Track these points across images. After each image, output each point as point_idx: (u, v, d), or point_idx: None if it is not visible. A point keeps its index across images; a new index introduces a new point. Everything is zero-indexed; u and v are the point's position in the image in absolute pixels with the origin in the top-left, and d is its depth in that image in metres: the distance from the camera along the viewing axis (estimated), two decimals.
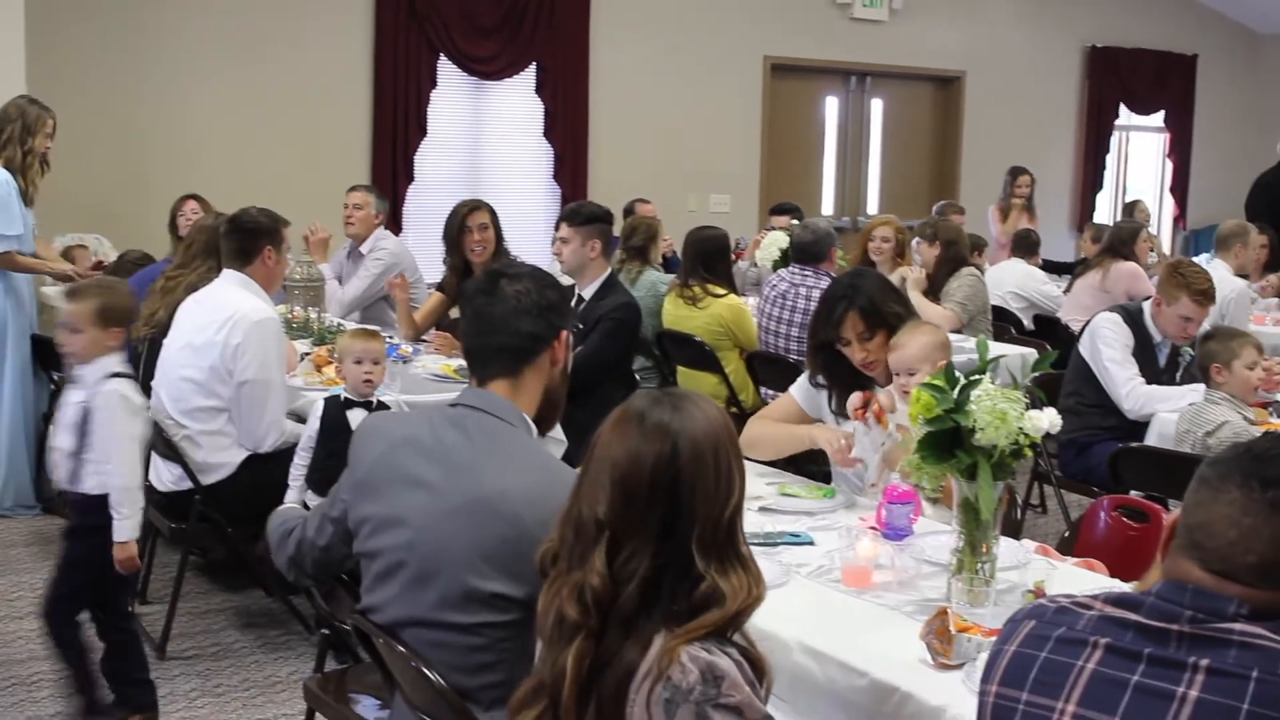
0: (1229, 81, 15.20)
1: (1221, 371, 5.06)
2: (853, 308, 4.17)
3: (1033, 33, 13.54)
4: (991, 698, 2.05)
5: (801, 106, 12.49)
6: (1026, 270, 9.21)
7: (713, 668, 2.05)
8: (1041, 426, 2.92)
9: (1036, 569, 3.29)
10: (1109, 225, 9.78)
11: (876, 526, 3.56)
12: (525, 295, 2.93)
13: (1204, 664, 1.86)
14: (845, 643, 2.88)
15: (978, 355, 3.08)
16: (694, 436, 2.17)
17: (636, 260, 7.47)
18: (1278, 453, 1.94)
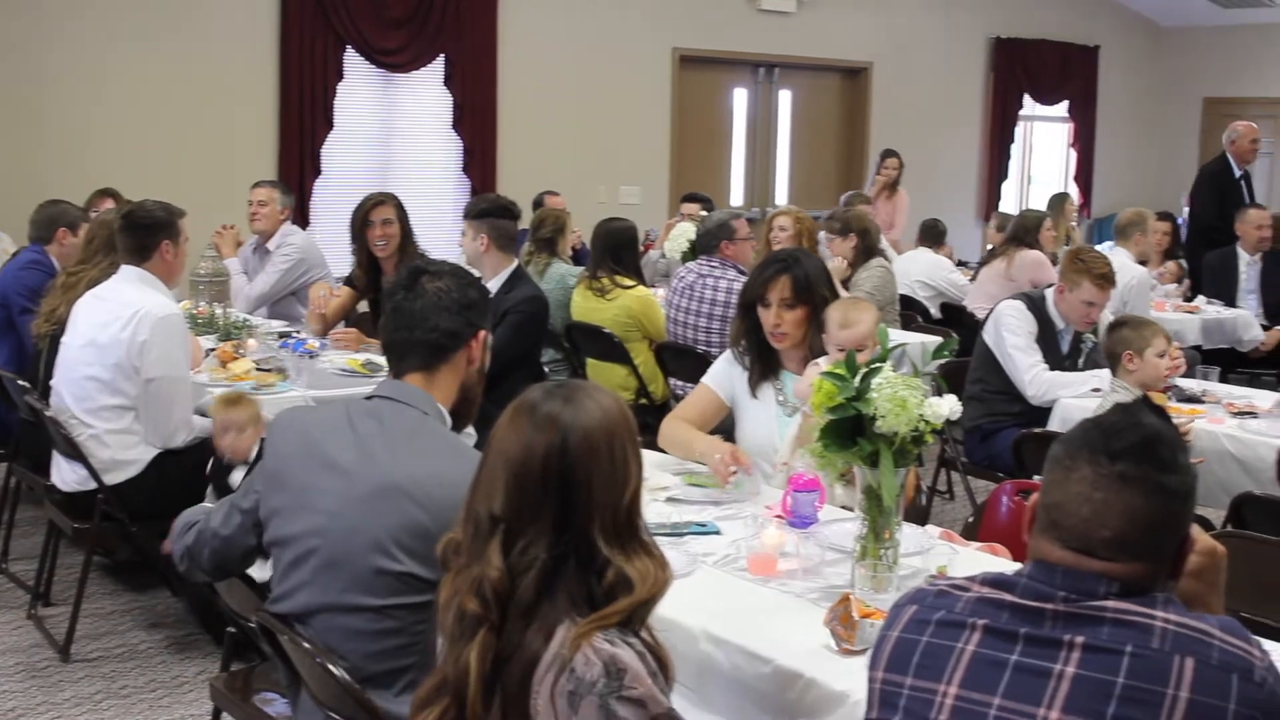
0: (1130, 72, 15.44)
1: (1134, 359, 5.12)
2: (787, 272, 4.22)
3: (939, 24, 13.67)
4: (878, 684, 2.08)
5: (710, 98, 12.52)
6: (933, 259, 9.31)
7: (615, 660, 2.05)
8: (941, 413, 2.96)
9: (939, 554, 3.34)
10: (1013, 215, 9.91)
11: (782, 515, 3.59)
12: (445, 293, 2.99)
13: (1079, 641, 1.91)
14: (750, 630, 2.90)
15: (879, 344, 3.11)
16: (586, 427, 2.18)
17: (545, 252, 7.45)
18: (1124, 425, 1.99)
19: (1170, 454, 1.98)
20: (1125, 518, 1.95)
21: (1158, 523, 1.97)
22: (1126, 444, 1.97)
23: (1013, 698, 1.93)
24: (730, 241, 6.72)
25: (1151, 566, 1.98)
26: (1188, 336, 8.28)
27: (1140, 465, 1.96)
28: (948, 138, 13.88)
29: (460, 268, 3.15)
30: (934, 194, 13.31)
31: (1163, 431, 2.00)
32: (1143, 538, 1.96)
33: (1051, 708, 1.89)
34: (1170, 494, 1.97)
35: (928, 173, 13.54)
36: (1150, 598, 1.95)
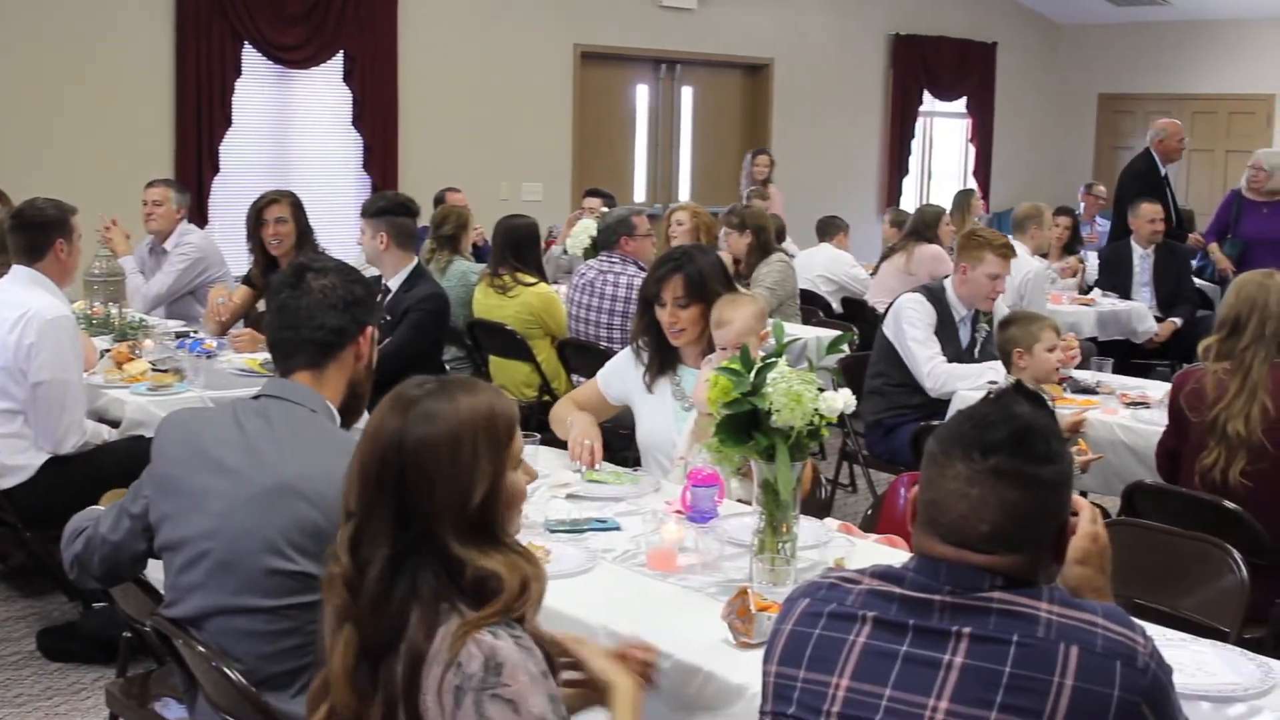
0: (1028, 69, 15.65)
1: (1024, 356, 5.19)
2: (679, 271, 4.24)
3: (839, 21, 13.77)
4: (772, 677, 2.10)
5: (612, 94, 12.52)
6: (834, 254, 9.38)
7: (495, 654, 2.04)
8: (836, 407, 2.99)
9: (837, 547, 3.37)
10: (909, 211, 10.01)
11: (682, 510, 3.60)
12: (330, 290, 2.96)
13: (967, 631, 1.94)
14: (650, 626, 2.90)
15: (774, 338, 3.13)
16: (428, 424, 2.16)
17: (447, 250, 7.42)
18: (996, 419, 2.02)
19: (1044, 445, 2.01)
20: (1001, 512, 1.98)
21: (1034, 514, 2.00)
22: (998, 438, 2.00)
23: (903, 688, 1.96)
24: (630, 237, 6.73)
25: (1032, 556, 2.01)
26: (1084, 328, 8.40)
27: (1013, 459, 1.98)
28: (848, 134, 13.99)
29: (346, 264, 3.14)
30: (835, 190, 13.43)
31: (1035, 422, 2.03)
32: (1020, 530, 1.99)
33: (941, 698, 1.92)
34: (1045, 485, 2.00)
35: (829, 169, 13.67)
36: (1036, 589, 1.98)
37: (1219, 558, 3.64)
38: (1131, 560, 3.72)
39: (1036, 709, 1.87)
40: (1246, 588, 3.55)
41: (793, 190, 12.71)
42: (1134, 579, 3.77)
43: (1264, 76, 14.45)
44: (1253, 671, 2.77)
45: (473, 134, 11.24)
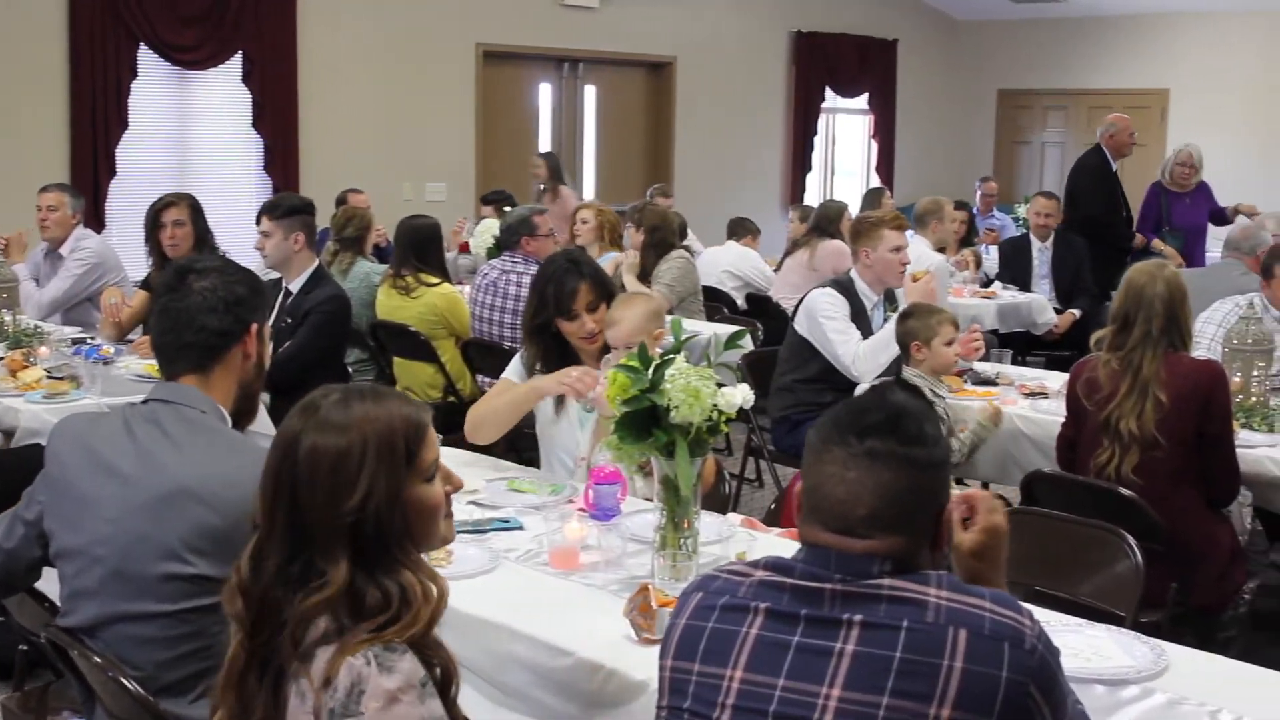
0: (927, 65, 15.81)
1: (922, 349, 5.21)
2: (584, 279, 4.21)
3: (740, 19, 13.82)
4: (667, 672, 2.10)
5: (515, 93, 12.48)
6: (740, 251, 9.41)
7: (359, 681, 2.00)
8: (735, 402, 3.00)
9: (739, 541, 3.39)
10: (814, 206, 10.07)
11: (585, 508, 3.60)
12: (212, 291, 2.92)
13: (858, 619, 1.96)
14: (551, 624, 2.92)
15: (672, 335, 3.14)
16: (323, 430, 2.13)
17: (349, 251, 7.37)
18: (869, 404, 2.06)
19: (917, 428, 2.04)
20: (877, 494, 2.01)
21: (910, 496, 2.03)
22: (873, 421, 2.03)
23: (796, 678, 1.97)
24: (531, 237, 6.72)
25: (911, 539, 2.04)
26: (985, 321, 8.49)
27: (887, 441, 2.02)
28: (751, 131, 14.05)
29: (229, 264, 3.09)
30: (739, 187, 13.49)
31: (909, 406, 2.07)
32: (897, 512, 2.02)
33: (834, 685, 1.94)
34: (919, 466, 2.03)
35: (732, 166, 13.73)
36: (924, 575, 2.01)
37: (1115, 544, 3.71)
38: (1030, 548, 3.77)
39: (926, 692, 1.90)
40: (1142, 573, 3.62)
41: (696, 188, 12.78)
42: (1033, 566, 3.82)
43: (1158, 71, 14.70)
44: (1146, 654, 2.82)
45: (375, 134, 11.15)
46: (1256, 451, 4.70)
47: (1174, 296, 4.42)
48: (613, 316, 4.02)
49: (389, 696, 2.00)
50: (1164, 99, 14.71)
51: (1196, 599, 4.33)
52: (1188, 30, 14.43)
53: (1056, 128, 15.80)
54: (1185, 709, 2.60)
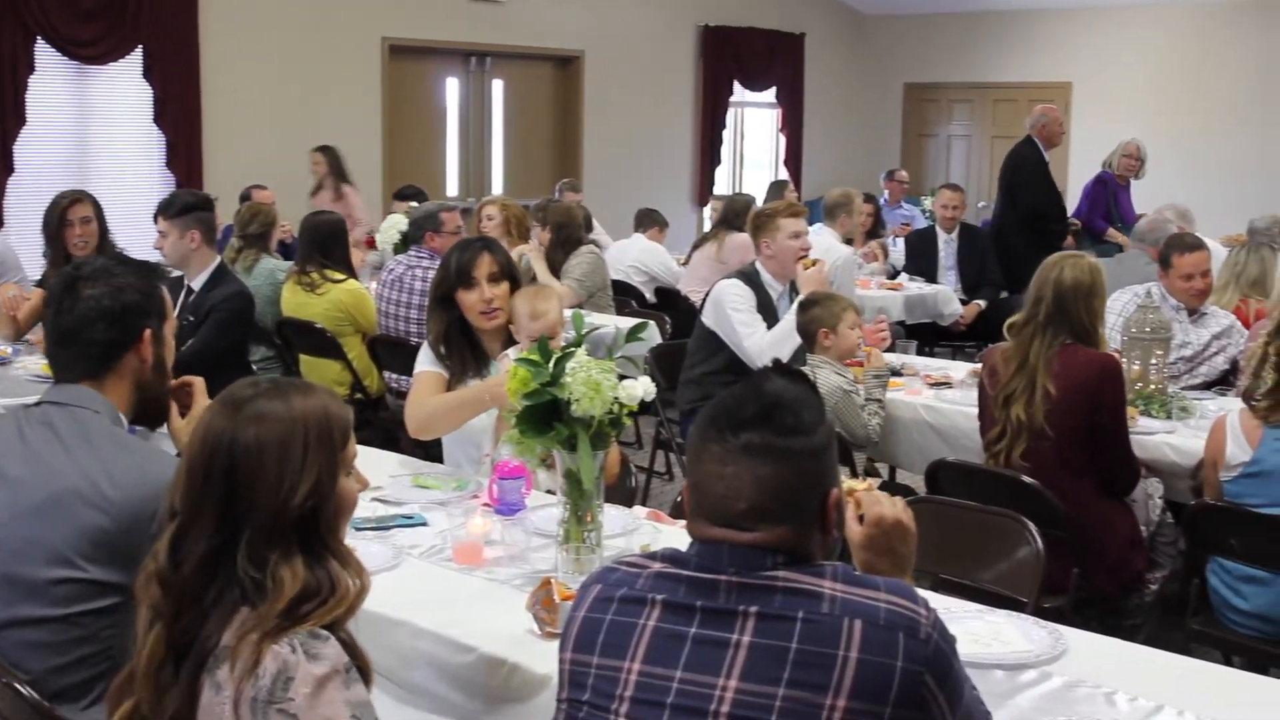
0: (835, 59, 15.90)
1: (829, 335, 5.25)
2: (488, 250, 4.23)
3: (648, 12, 13.83)
4: (567, 665, 2.10)
5: (422, 88, 12.39)
6: (647, 245, 9.42)
7: (286, 668, 2.00)
8: (636, 395, 3.00)
9: (643, 534, 3.39)
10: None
11: (489, 503, 3.59)
12: (99, 300, 2.87)
13: (753, 611, 1.97)
14: (454, 620, 2.91)
15: (575, 330, 3.13)
16: (263, 420, 2.13)
17: (253, 248, 7.28)
18: (743, 397, 2.07)
19: (793, 418, 2.05)
20: (756, 487, 2.01)
21: (791, 486, 2.03)
22: (748, 415, 2.04)
23: (693, 670, 1.97)
24: (436, 233, 6.68)
25: (798, 528, 2.04)
26: (892, 312, 8.56)
27: (763, 434, 2.02)
28: (660, 125, 14.06)
29: (119, 268, 2.99)
30: (648, 180, 13.49)
31: (784, 396, 2.07)
32: (778, 503, 2.02)
33: (730, 677, 1.94)
34: (798, 456, 2.04)
35: (641, 160, 13.73)
36: (819, 567, 2.02)
37: (1017, 531, 3.75)
38: (934, 536, 3.78)
39: (822, 682, 1.90)
40: (1043, 559, 3.66)
41: (605, 181, 12.77)
42: (937, 554, 3.85)
43: (1062, 65, 14.90)
44: (1044, 638, 2.86)
45: (280, 130, 11.01)
46: (1155, 438, 4.78)
47: (1070, 288, 4.49)
48: (537, 308, 4.00)
49: (318, 682, 2.00)
50: (1067, 92, 14.91)
51: (1096, 584, 4.39)
52: (1089, 24, 14.63)
53: (962, 121, 15.97)
54: (1081, 691, 2.64)
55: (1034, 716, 2.54)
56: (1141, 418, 4.91)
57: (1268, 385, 4.01)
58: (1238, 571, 4.07)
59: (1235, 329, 5.82)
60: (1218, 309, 5.96)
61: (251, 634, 2.03)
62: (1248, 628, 4.06)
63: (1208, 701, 2.59)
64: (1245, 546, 4.02)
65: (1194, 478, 4.56)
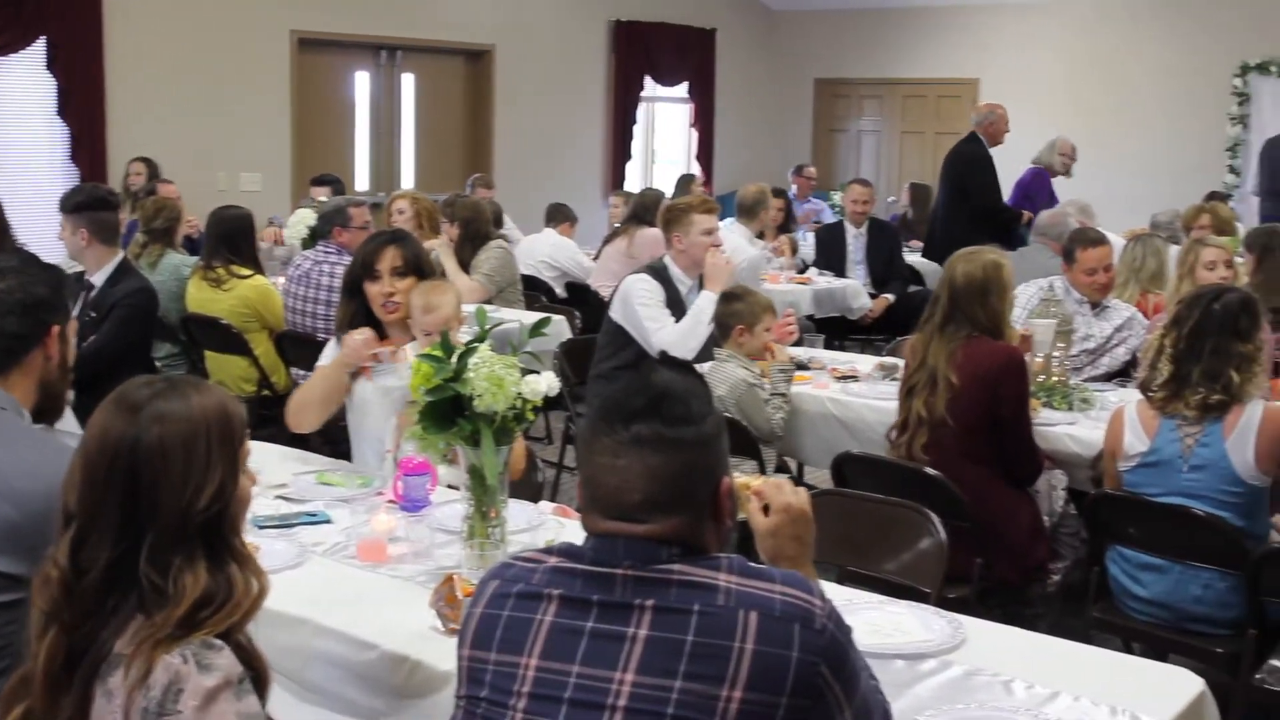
0: (746, 54, 15.96)
1: (745, 333, 5.29)
2: (394, 243, 4.24)
3: (559, 7, 13.80)
4: (465, 661, 2.10)
5: (331, 81, 12.28)
6: (557, 240, 9.41)
7: (177, 679, 1.98)
8: (539, 390, 3.00)
9: (548, 529, 3.39)
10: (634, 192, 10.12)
11: (394, 500, 3.57)
12: (8, 294, 2.87)
13: (649, 604, 1.97)
14: (357, 618, 2.89)
15: (478, 324, 3.12)
16: (164, 423, 2.10)
17: (158, 243, 7.16)
18: (633, 390, 2.09)
19: (682, 408, 2.06)
20: (648, 478, 2.02)
21: (682, 475, 2.04)
22: (636, 407, 2.05)
23: (590, 664, 1.98)
24: (344, 228, 6.63)
25: (691, 518, 2.05)
26: (801, 306, 8.60)
27: (652, 425, 2.03)
28: (572, 119, 14.04)
29: (29, 263, 3.02)
30: (560, 175, 13.47)
31: (672, 387, 2.09)
32: (671, 493, 2.03)
33: (627, 670, 1.95)
34: (687, 445, 2.05)
35: (552, 154, 13.71)
36: (714, 559, 2.03)
37: (920, 522, 3.79)
38: (840, 528, 3.84)
39: (718, 675, 1.91)
40: (945, 550, 3.70)
41: (516, 176, 12.72)
42: (843, 546, 3.90)
43: (969, 61, 15.05)
44: (944, 628, 2.90)
45: (186, 123, 10.88)
46: (1056, 429, 4.86)
47: (963, 285, 4.58)
48: (430, 302, 4.01)
49: (208, 694, 1.98)
50: (975, 88, 15.06)
51: (999, 573, 4.45)
52: (997, 20, 14.79)
53: (872, 116, 16.08)
54: (980, 680, 2.67)
55: (933, 705, 2.57)
56: (1044, 409, 4.98)
57: (1164, 377, 4.08)
58: (1136, 560, 4.14)
59: (1136, 321, 5.92)
60: (1119, 302, 6.07)
61: (145, 643, 2.01)
62: (1147, 615, 4.13)
63: (1104, 688, 2.64)
64: (1143, 535, 4.10)
65: (1094, 468, 4.64)
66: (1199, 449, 4.01)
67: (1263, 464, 3.96)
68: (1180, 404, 4.04)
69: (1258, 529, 4.05)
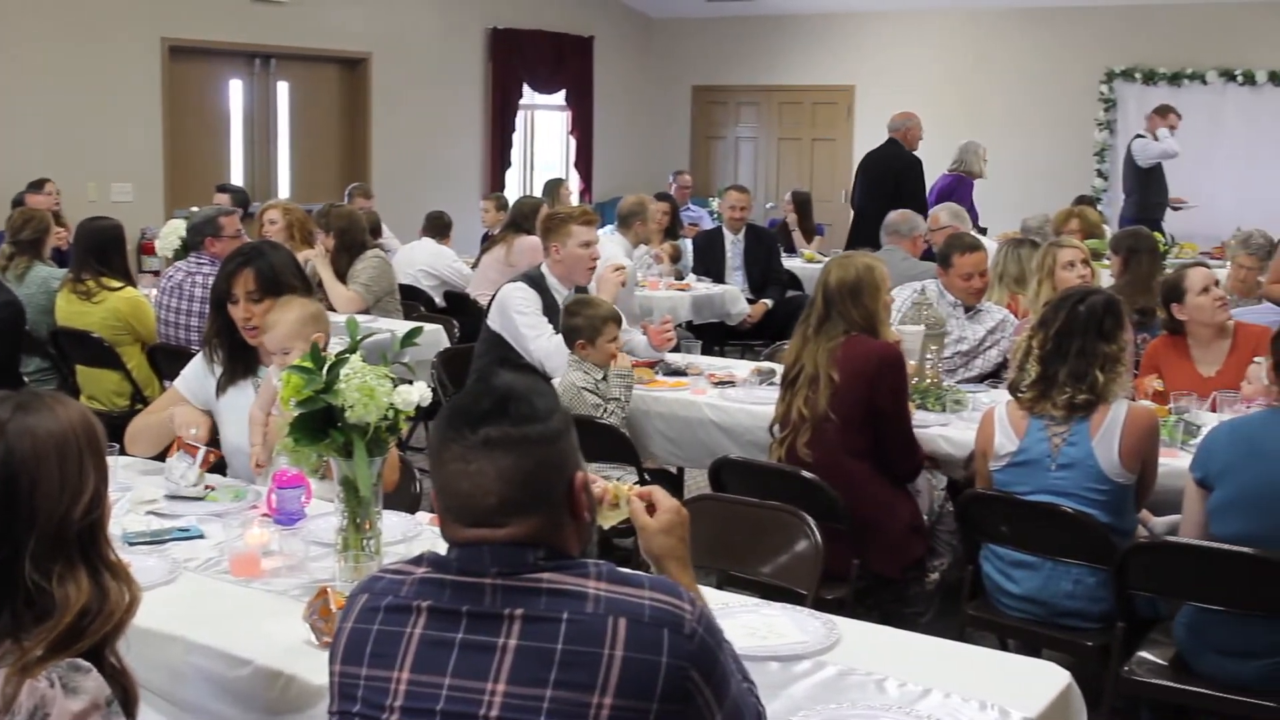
0: (624, 62, 16.01)
1: (585, 347, 5.33)
2: (249, 266, 4.14)
3: (436, 14, 13.73)
4: (337, 677, 2.09)
5: (205, 90, 12.09)
6: (435, 249, 9.36)
7: (43, 704, 1.94)
8: (412, 400, 2.98)
9: (424, 540, 3.37)
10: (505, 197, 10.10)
11: (268, 513, 3.53)
12: None
13: (519, 613, 1.98)
14: (230, 633, 2.86)
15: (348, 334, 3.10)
16: (34, 435, 2.07)
17: (25, 255, 7.03)
18: (477, 394, 2.10)
19: (528, 407, 2.07)
20: (501, 480, 2.03)
21: (534, 473, 2.05)
22: (483, 410, 2.05)
23: (461, 675, 1.97)
24: (216, 239, 6.53)
25: (548, 517, 2.06)
26: (680, 312, 8.65)
27: (500, 425, 2.04)
28: (450, 127, 13.97)
29: None
30: (439, 183, 13.39)
31: (515, 387, 2.10)
32: (525, 493, 2.04)
33: (498, 680, 1.95)
34: (536, 443, 2.06)
35: (431, 162, 13.64)
36: (584, 567, 2.03)
37: (796, 525, 3.83)
38: (718, 532, 3.87)
39: (588, 682, 1.92)
40: (821, 552, 3.74)
41: (395, 185, 12.64)
42: (721, 551, 3.93)
43: (844, 68, 15.25)
44: (818, 629, 2.93)
45: (56, 132, 10.65)
46: (930, 430, 4.93)
47: (835, 288, 4.67)
48: (268, 320, 3.95)
49: (74, 718, 1.94)
50: (850, 95, 15.27)
51: (875, 567, 4.51)
52: (870, 29, 15.00)
53: (749, 123, 16.22)
54: (853, 679, 2.71)
55: (808, 705, 2.59)
56: (918, 411, 5.06)
57: (1031, 377, 4.17)
58: (1009, 557, 4.22)
59: (1008, 323, 6.04)
60: (992, 305, 6.18)
61: (12, 668, 1.97)
62: (1020, 611, 4.21)
63: (975, 684, 2.68)
64: (1014, 532, 4.18)
65: (966, 468, 4.72)
66: (1066, 448, 4.10)
67: (1127, 462, 4.06)
68: (1048, 404, 4.13)
69: (1125, 524, 4.15)
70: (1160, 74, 13.48)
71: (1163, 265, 6.84)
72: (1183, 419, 4.76)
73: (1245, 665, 3.70)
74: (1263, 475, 3.67)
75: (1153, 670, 3.86)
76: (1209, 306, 5.43)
